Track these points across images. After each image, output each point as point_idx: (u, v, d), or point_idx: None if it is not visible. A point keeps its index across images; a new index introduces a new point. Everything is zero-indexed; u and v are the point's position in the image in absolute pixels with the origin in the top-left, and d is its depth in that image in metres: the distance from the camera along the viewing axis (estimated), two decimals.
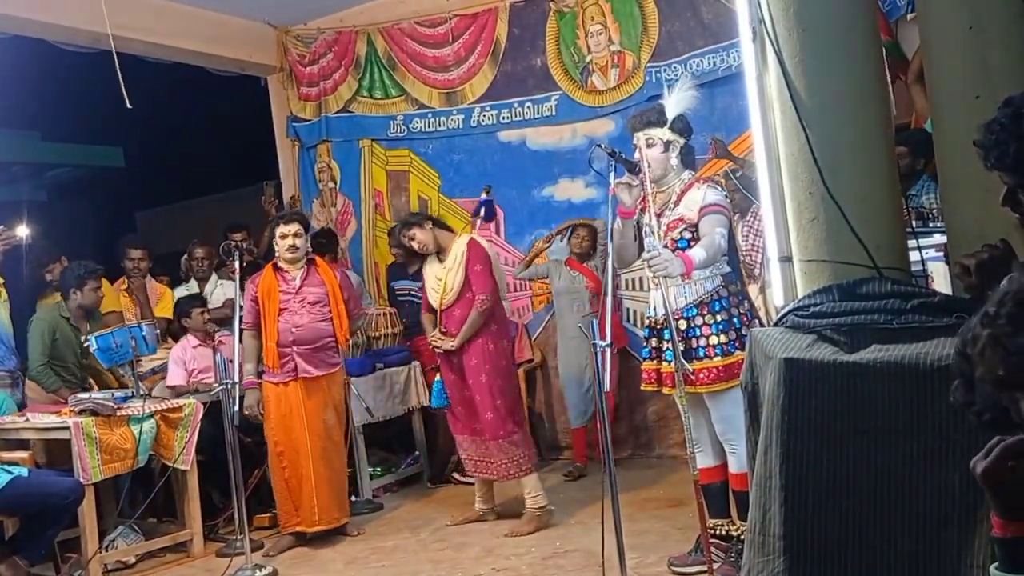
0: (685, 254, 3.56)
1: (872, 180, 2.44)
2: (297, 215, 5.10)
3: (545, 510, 4.77)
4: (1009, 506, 1.39)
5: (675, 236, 3.72)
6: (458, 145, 6.62)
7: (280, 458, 4.83)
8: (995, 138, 1.82)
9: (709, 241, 3.59)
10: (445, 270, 4.80)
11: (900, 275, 2.44)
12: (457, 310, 4.78)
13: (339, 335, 4.96)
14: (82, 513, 4.35)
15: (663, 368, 3.77)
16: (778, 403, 2.32)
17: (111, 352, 4.69)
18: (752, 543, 2.37)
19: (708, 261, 3.60)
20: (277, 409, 4.84)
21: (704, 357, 3.63)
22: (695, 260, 3.54)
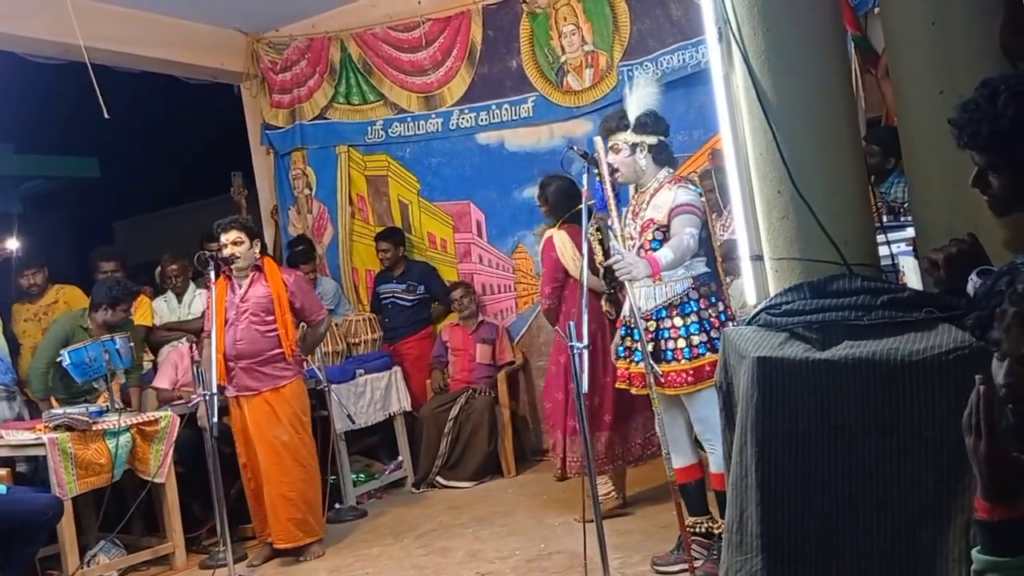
0: (651, 256, 3.54)
1: (840, 176, 2.45)
2: (235, 222, 4.75)
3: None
4: (998, 489, 1.39)
5: (648, 237, 3.71)
6: (436, 148, 6.61)
7: (245, 470, 4.75)
8: (969, 117, 1.83)
9: (677, 242, 3.57)
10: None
11: (870, 271, 2.45)
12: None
13: (285, 345, 4.69)
14: (61, 529, 4.31)
15: (632, 368, 3.78)
16: (752, 402, 2.32)
17: (84, 367, 4.64)
18: (730, 542, 2.37)
19: (676, 262, 3.58)
20: (235, 423, 4.75)
21: (672, 360, 3.63)
22: (662, 262, 3.52)
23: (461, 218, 6.58)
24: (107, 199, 11.45)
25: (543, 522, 4.79)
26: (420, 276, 6.51)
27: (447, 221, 6.63)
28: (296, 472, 4.69)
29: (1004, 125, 1.78)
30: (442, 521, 5.11)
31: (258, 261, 4.79)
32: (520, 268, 6.40)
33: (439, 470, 5.93)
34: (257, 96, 7.13)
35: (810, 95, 2.43)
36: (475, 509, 5.26)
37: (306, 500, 4.73)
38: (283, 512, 4.66)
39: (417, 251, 6.73)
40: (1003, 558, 1.36)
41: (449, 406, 6.02)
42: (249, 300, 4.70)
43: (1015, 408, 1.40)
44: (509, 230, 6.42)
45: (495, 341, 6.24)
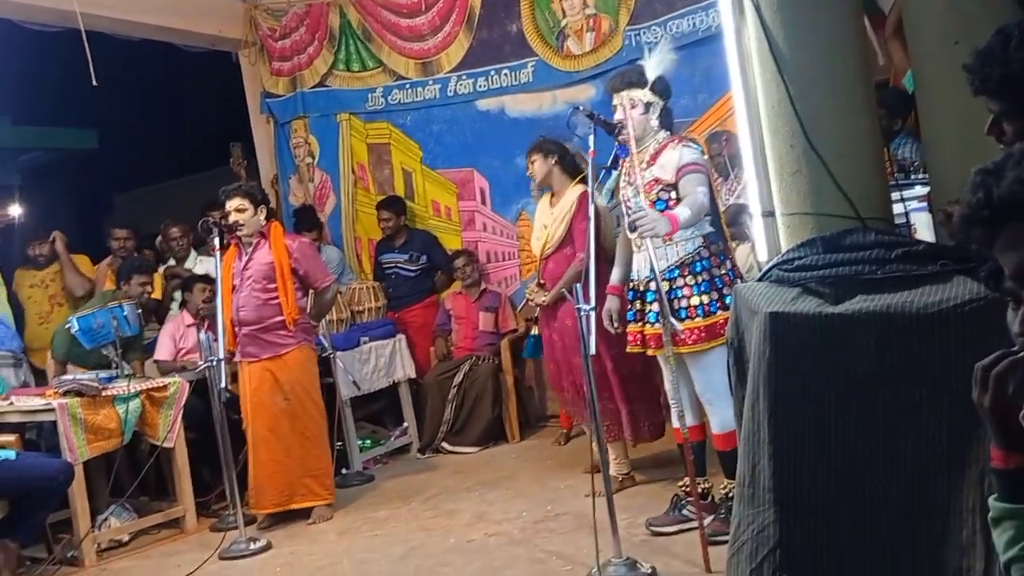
0: (670, 213, 3.55)
1: (854, 130, 2.44)
2: (238, 189, 4.75)
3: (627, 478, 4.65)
4: (1010, 437, 1.39)
5: (652, 198, 3.71)
6: (437, 116, 6.57)
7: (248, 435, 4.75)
8: (982, 62, 1.81)
9: (692, 200, 3.59)
10: (552, 218, 4.64)
11: (884, 225, 2.45)
12: (552, 263, 4.65)
13: (285, 312, 4.64)
14: (72, 494, 4.34)
15: (647, 330, 3.78)
16: (764, 357, 2.33)
17: (93, 333, 4.65)
18: (741, 496, 2.39)
19: (692, 220, 3.60)
20: (242, 388, 4.76)
21: (686, 318, 3.63)
22: (680, 219, 3.53)
23: (465, 185, 6.56)
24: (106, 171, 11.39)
25: (548, 485, 4.82)
26: (422, 246, 6.50)
27: (451, 189, 6.61)
28: (294, 439, 4.69)
29: (1016, 70, 1.77)
30: (448, 485, 5.15)
31: (263, 228, 4.77)
32: (524, 236, 6.37)
33: (444, 436, 5.97)
34: (256, 64, 7.08)
35: (824, 48, 2.42)
36: (480, 473, 5.29)
37: (305, 466, 4.73)
38: (277, 476, 4.67)
39: (420, 220, 6.71)
40: (1020, 505, 1.37)
41: (453, 373, 6.04)
42: (252, 267, 4.70)
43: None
44: (513, 198, 6.40)
45: (498, 309, 6.25)
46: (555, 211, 4.67)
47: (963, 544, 2.11)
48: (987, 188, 1.21)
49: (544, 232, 4.68)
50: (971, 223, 1.25)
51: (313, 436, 4.80)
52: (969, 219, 1.25)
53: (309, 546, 4.42)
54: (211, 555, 4.29)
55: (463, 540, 4.16)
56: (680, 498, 3.87)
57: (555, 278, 4.67)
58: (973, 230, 1.26)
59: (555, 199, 4.73)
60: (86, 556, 4.40)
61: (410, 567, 3.91)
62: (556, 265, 4.68)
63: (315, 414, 4.82)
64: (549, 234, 4.65)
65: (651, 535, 3.82)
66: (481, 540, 4.13)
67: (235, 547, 4.34)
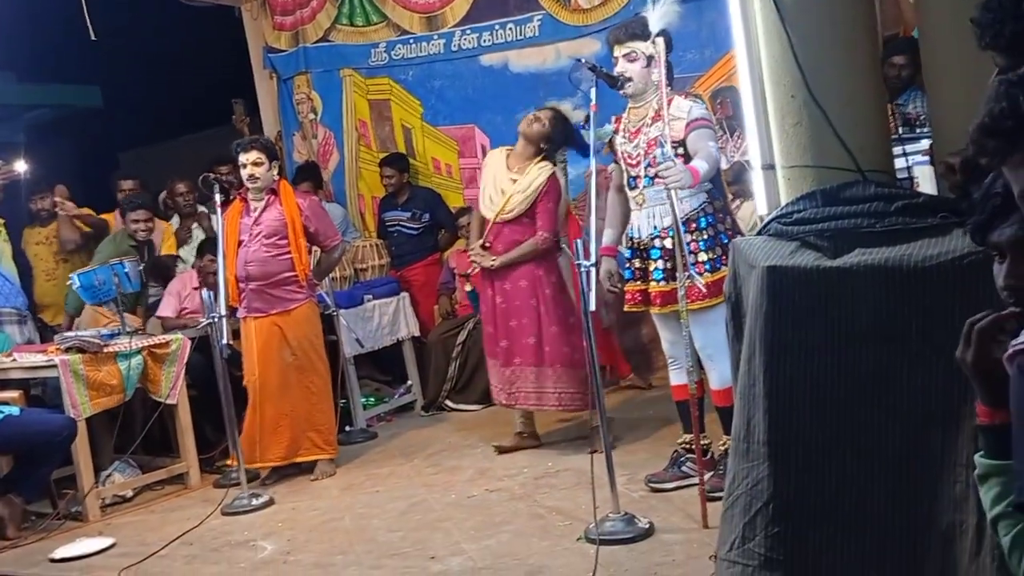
0: (691, 166, 3.49)
1: (856, 81, 2.38)
2: (256, 142, 4.74)
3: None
4: (994, 394, 1.39)
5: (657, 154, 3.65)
6: (439, 71, 6.49)
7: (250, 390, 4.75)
8: (992, 17, 1.76)
9: (707, 154, 3.55)
10: (515, 188, 4.48)
11: (884, 178, 2.40)
12: (508, 230, 4.53)
13: (298, 269, 4.67)
14: (75, 450, 4.38)
15: (651, 288, 3.75)
16: (761, 311, 2.30)
17: (94, 290, 4.66)
18: (736, 451, 2.38)
19: (709, 174, 3.57)
20: (245, 344, 4.77)
21: (696, 273, 3.60)
22: (700, 172, 3.49)
23: (466, 142, 6.50)
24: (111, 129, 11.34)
25: (550, 442, 4.84)
26: (425, 203, 6.46)
27: (452, 146, 6.56)
28: (300, 393, 4.73)
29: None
30: (451, 442, 5.17)
31: (274, 184, 4.76)
32: None
33: (447, 394, 5.97)
34: (258, 18, 7.01)
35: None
36: (483, 430, 5.30)
37: (310, 420, 4.77)
38: (284, 430, 4.71)
39: (422, 177, 6.67)
40: (1005, 461, 1.36)
41: (457, 331, 6.03)
42: (263, 223, 4.70)
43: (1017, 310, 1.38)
44: None
45: None
46: (520, 182, 4.50)
47: (956, 498, 2.10)
48: (1013, 98, 1.14)
49: (501, 198, 4.52)
50: (989, 134, 1.19)
51: (318, 391, 4.84)
52: (988, 129, 1.19)
53: (311, 501, 4.45)
54: (214, 510, 4.33)
55: (464, 496, 4.18)
56: (680, 454, 3.87)
57: (509, 244, 4.53)
58: (988, 141, 1.20)
59: (513, 163, 4.55)
60: (90, 511, 4.46)
61: (411, 522, 3.94)
62: (511, 232, 4.53)
63: (321, 369, 4.87)
64: (508, 202, 4.49)
65: (650, 491, 3.83)
66: (482, 496, 4.15)
67: (237, 502, 4.38)
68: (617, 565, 3.16)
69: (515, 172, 4.53)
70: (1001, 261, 1.40)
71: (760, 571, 2.31)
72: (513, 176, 4.53)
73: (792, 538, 2.28)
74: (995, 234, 1.40)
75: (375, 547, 3.70)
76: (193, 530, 4.15)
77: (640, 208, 3.77)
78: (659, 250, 3.70)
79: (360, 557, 3.61)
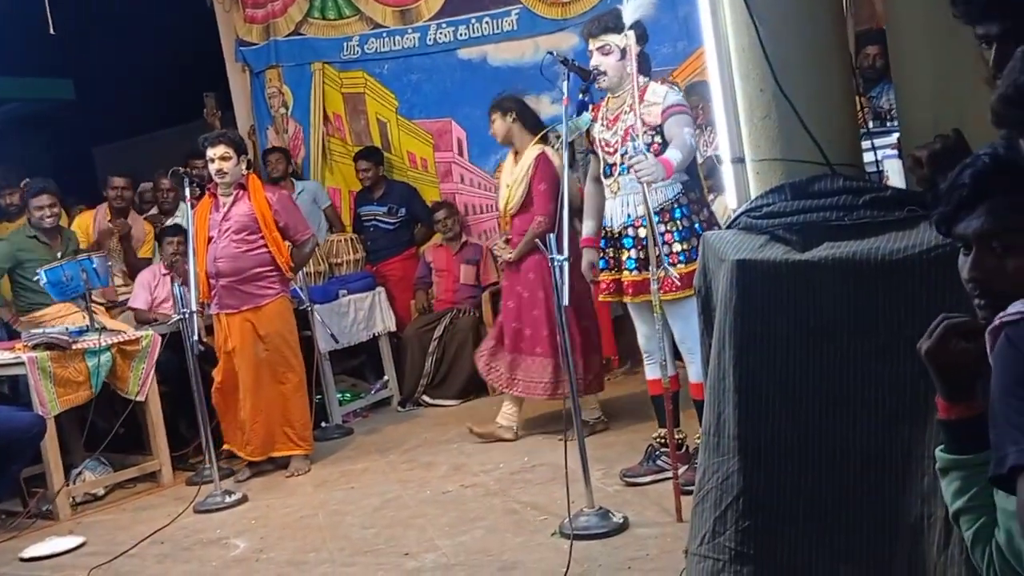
0: (664, 158, 3.49)
1: (824, 75, 2.38)
2: (223, 136, 4.69)
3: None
4: (952, 388, 1.39)
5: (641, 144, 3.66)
6: (415, 65, 6.46)
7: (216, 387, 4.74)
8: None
9: (681, 142, 3.54)
10: (513, 178, 4.63)
11: (853, 171, 2.40)
12: (518, 221, 4.68)
13: (280, 262, 4.65)
14: (45, 447, 4.32)
15: (624, 277, 3.74)
16: (731, 305, 2.29)
17: (62, 286, 4.59)
18: (707, 445, 2.37)
19: (684, 163, 3.56)
20: (218, 340, 4.75)
21: (669, 264, 3.59)
22: (674, 163, 3.48)
23: (442, 136, 6.47)
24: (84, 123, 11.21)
25: (527, 437, 4.83)
26: (400, 198, 6.43)
27: (427, 140, 6.53)
28: (273, 388, 4.70)
29: None
30: (427, 438, 5.15)
31: (243, 179, 4.71)
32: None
33: (424, 389, 5.96)
34: (231, 11, 6.94)
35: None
36: (460, 426, 5.27)
37: (284, 415, 4.75)
38: (259, 425, 4.68)
39: (397, 171, 6.63)
40: (963, 456, 1.37)
41: (433, 326, 6.01)
42: (232, 218, 4.65)
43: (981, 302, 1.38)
44: (491, 148, 6.27)
45: (479, 262, 6.20)
46: (516, 170, 4.62)
47: (924, 491, 2.10)
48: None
49: (507, 191, 4.68)
50: (1011, 103, 1.17)
51: (292, 386, 4.81)
52: (1010, 99, 1.17)
53: (285, 498, 4.42)
54: (186, 508, 4.30)
55: (439, 492, 4.17)
56: (654, 448, 3.87)
57: (521, 235, 4.67)
58: (1011, 111, 1.18)
59: (517, 157, 4.68)
60: (60, 510, 4.41)
61: (385, 519, 3.92)
62: (521, 223, 4.69)
63: (294, 364, 4.83)
64: (511, 193, 4.65)
65: (625, 485, 3.83)
66: (457, 491, 4.14)
67: (210, 500, 4.34)
68: (591, 560, 3.16)
69: (515, 165, 4.68)
70: (967, 253, 1.40)
71: (731, 565, 2.30)
72: (513, 169, 4.67)
73: (762, 532, 2.28)
74: (961, 226, 1.40)
75: (348, 544, 3.68)
76: (165, 528, 4.11)
77: (615, 196, 3.76)
78: (632, 239, 3.69)
79: (333, 554, 3.59)
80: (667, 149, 3.55)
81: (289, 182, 6.52)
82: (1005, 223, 1.34)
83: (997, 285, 1.33)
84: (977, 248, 1.37)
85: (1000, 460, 1.14)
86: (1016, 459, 1.11)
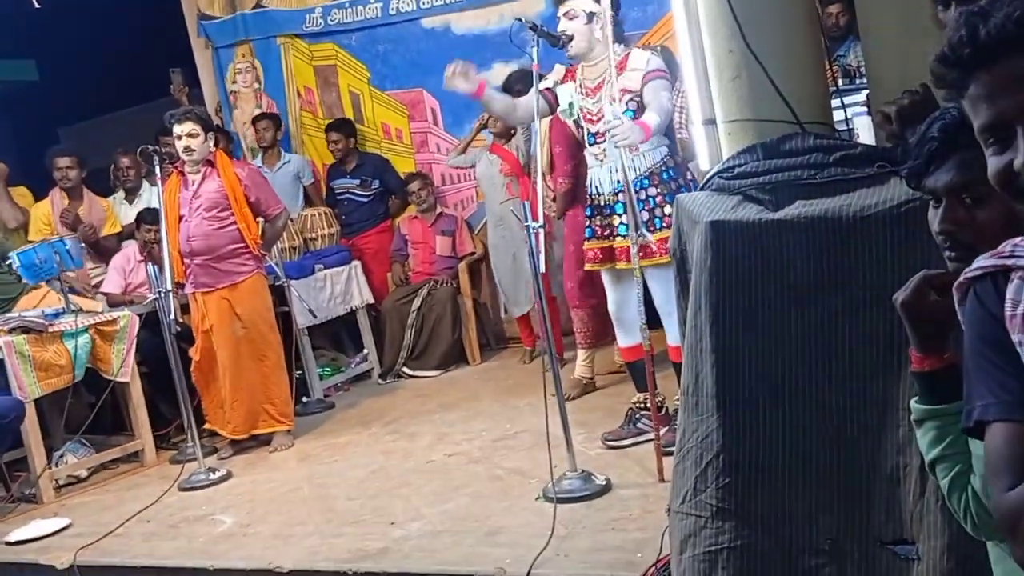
0: (641, 121, 3.50)
1: (792, 33, 2.39)
2: (190, 113, 4.63)
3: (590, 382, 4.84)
4: (926, 339, 1.41)
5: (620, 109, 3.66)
6: (381, 36, 6.38)
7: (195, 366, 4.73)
8: None
9: (659, 106, 3.55)
10: (539, 144, 4.71)
11: (823, 129, 2.42)
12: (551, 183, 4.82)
13: (248, 239, 4.63)
14: (26, 431, 4.31)
15: (617, 243, 3.74)
16: (705, 266, 2.31)
17: (36, 268, 4.54)
18: (686, 405, 2.40)
19: (662, 126, 3.58)
20: (194, 319, 4.73)
21: (661, 227, 3.59)
22: (651, 126, 3.49)
23: (415, 107, 6.42)
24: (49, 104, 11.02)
25: (508, 405, 4.86)
26: (374, 170, 6.39)
27: (401, 110, 6.48)
28: (252, 366, 4.69)
29: None
30: (409, 409, 5.17)
31: (211, 156, 4.66)
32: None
33: (404, 361, 5.97)
34: None
35: None
36: (442, 396, 5.32)
37: (265, 393, 4.74)
38: (240, 404, 4.68)
39: (371, 143, 6.58)
40: (937, 406, 1.39)
41: (411, 298, 6.01)
42: (202, 196, 4.60)
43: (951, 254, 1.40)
44: (465, 117, 6.26)
45: (455, 233, 6.19)
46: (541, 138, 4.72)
47: (900, 442, 2.15)
48: (972, 26, 1.13)
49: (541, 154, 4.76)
50: (948, 64, 1.18)
51: (271, 364, 4.79)
52: (947, 59, 1.18)
53: (269, 474, 4.43)
54: (171, 486, 4.30)
55: (423, 461, 4.20)
56: (634, 411, 3.91)
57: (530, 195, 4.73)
58: (949, 72, 1.20)
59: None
60: (44, 493, 4.40)
61: (370, 489, 3.94)
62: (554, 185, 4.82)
63: (272, 341, 4.82)
64: (542, 160, 4.71)
65: (607, 448, 3.87)
66: (441, 460, 4.17)
67: (195, 478, 4.35)
68: (575, 522, 3.19)
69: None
70: (936, 206, 1.42)
71: (712, 521, 2.34)
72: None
73: (742, 488, 2.32)
74: (930, 179, 1.42)
75: (335, 516, 3.70)
76: (150, 507, 4.11)
77: (601, 164, 3.75)
78: (623, 204, 3.70)
79: (320, 526, 3.61)
80: (644, 113, 3.56)
81: (277, 151, 6.46)
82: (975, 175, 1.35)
83: (967, 237, 1.35)
84: (947, 201, 1.39)
85: (968, 413, 1.17)
86: (980, 414, 1.14)
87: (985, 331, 1.14)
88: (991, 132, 1.12)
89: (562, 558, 2.93)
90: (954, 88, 1.17)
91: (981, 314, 1.15)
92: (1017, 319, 1.08)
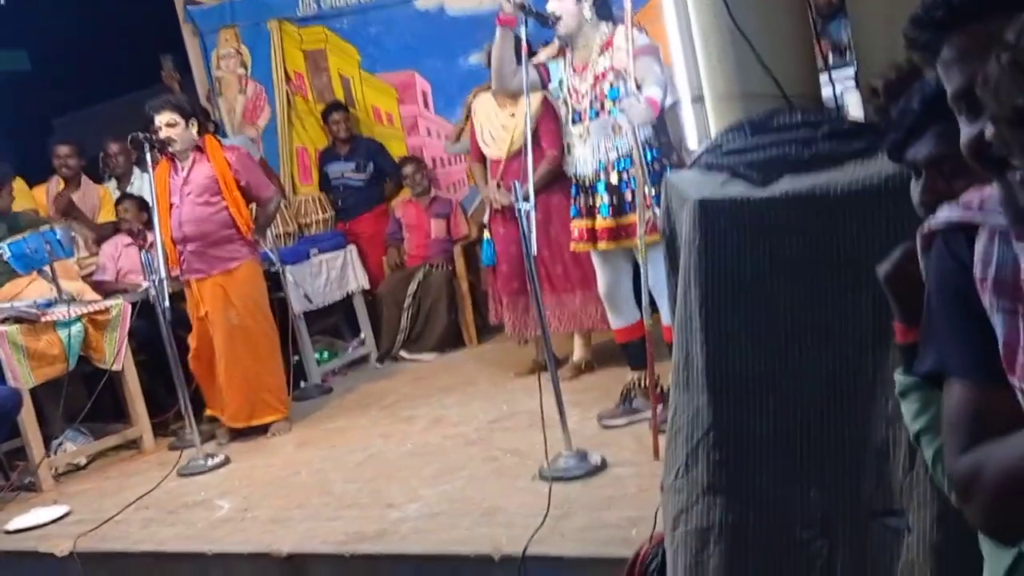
0: (647, 96, 3.47)
1: (779, 8, 2.38)
2: (168, 102, 4.62)
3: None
4: (908, 310, 1.41)
5: (605, 89, 3.65)
6: (373, 18, 6.36)
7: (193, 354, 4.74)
8: None
9: (657, 78, 3.54)
10: (514, 120, 4.53)
11: (811, 105, 2.41)
12: (517, 162, 4.53)
13: (240, 223, 4.62)
14: (23, 420, 4.32)
15: (598, 224, 3.74)
16: (694, 245, 2.31)
17: (26, 258, 4.54)
18: (676, 383, 2.41)
19: (664, 99, 3.57)
20: (189, 306, 4.73)
21: None
22: (657, 99, 3.48)
23: (406, 90, 6.40)
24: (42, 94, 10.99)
25: (505, 387, 4.87)
26: (368, 153, 6.37)
27: (391, 93, 6.45)
28: (248, 354, 4.69)
29: None
30: (406, 392, 5.19)
31: (198, 141, 4.64)
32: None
33: (401, 344, 5.98)
34: None
35: None
36: (439, 379, 5.33)
37: (261, 381, 4.74)
38: (237, 393, 4.68)
39: (363, 127, 6.56)
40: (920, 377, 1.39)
41: (407, 282, 6.01)
42: (192, 182, 4.59)
43: None
44: (457, 100, 6.20)
45: (449, 216, 6.18)
46: (516, 112, 4.54)
47: (889, 415, 2.15)
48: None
49: (505, 134, 4.62)
50: (921, 26, 1.17)
51: (266, 352, 4.79)
52: (920, 20, 1.16)
53: (267, 459, 4.45)
54: (169, 473, 4.31)
55: (420, 444, 4.21)
56: (629, 391, 3.92)
57: (517, 175, 4.59)
58: (921, 35, 1.18)
59: (503, 100, 4.64)
60: (43, 481, 4.42)
61: (367, 473, 3.96)
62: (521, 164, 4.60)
63: (267, 329, 4.81)
64: (514, 134, 4.55)
65: (602, 428, 3.88)
66: (438, 443, 4.19)
67: (193, 464, 4.36)
68: (571, 501, 3.21)
69: (510, 108, 4.61)
70: (918, 178, 1.42)
71: (704, 497, 2.36)
72: (511, 111, 4.60)
73: (733, 463, 2.33)
74: (911, 151, 1.41)
75: (332, 499, 3.72)
76: (149, 493, 4.12)
77: (584, 143, 3.75)
78: (604, 183, 3.69)
79: (318, 510, 3.63)
80: (644, 87, 3.53)
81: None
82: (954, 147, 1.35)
83: None
84: (927, 172, 1.39)
85: (924, 357, 1.17)
86: (939, 364, 1.14)
87: (954, 283, 1.13)
88: (964, 98, 1.10)
89: (558, 536, 2.95)
90: (927, 51, 1.16)
91: (952, 266, 1.14)
92: (988, 282, 1.08)
